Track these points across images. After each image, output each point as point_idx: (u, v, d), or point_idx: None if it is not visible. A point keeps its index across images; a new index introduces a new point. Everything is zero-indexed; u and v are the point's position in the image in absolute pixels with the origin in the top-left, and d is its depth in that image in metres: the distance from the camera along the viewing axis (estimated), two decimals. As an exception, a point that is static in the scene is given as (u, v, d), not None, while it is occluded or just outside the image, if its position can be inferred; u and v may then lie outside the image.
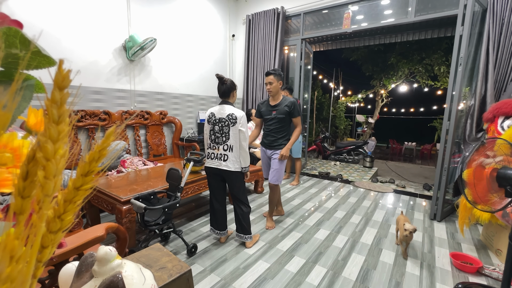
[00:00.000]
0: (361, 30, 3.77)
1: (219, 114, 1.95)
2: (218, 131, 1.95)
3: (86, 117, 2.81)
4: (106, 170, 2.62)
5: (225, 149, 1.94)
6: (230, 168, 1.94)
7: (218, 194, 2.10)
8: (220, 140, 1.95)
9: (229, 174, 1.97)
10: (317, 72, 10.44)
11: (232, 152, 1.93)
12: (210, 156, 2.02)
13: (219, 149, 1.96)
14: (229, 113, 1.91)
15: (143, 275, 0.56)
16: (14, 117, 0.30)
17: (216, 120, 1.96)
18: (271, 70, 2.26)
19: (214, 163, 1.99)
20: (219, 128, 1.95)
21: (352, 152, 6.32)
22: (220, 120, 1.94)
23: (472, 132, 2.70)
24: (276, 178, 2.37)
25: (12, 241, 0.22)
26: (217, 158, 1.97)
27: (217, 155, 1.97)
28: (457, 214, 2.24)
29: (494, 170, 1.12)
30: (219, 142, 1.95)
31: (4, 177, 0.33)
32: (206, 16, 4.29)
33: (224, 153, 1.94)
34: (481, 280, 1.78)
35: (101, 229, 1.11)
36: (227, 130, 1.92)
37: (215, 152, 1.99)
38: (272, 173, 2.37)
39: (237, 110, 1.94)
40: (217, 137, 1.96)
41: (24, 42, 0.29)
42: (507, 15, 2.44)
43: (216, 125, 1.96)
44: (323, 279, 1.74)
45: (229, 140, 1.92)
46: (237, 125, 1.90)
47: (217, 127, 1.96)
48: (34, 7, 2.40)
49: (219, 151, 1.96)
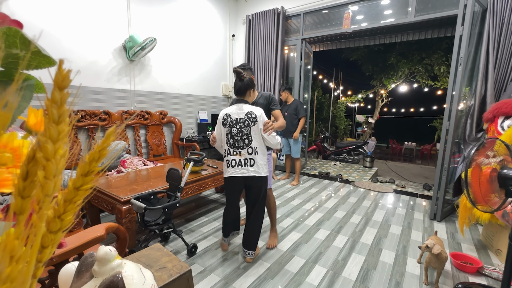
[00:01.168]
0: (361, 30, 3.77)
1: (236, 114, 1.73)
2: (236, 133, 1.72)
3: (86, 117, 2.81)
4: (106, 170, 2.62)
5: (249, 152, 1.71)
6: (260, 173, 1.73)
7: (235, 203, 1.92)
8: (241, 143, 1.72)
9: (258, 180, 1.75)
10: (317, 72, 10.44)
11: (258, 154, 1.72)
12: (230, 164, 1.74)
13: (241, 154, 1.72)
14: (247, 111, 1.72)
15: (143, 275, 0.56)
16: (14, 117, 0.30)
17: (233, 122, 1.73)
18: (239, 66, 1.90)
19: (238, 171, 1.73)
20: (237, 130, 1.72)
21: (352, 152, 6.32)
22: (238, 121, 1.72)
23: (472, 132, 2.70)
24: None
25: (12, 241, 0.22)
26: (241, 165, 1.72)
27: (240, 161, 1.72)
28: (457, 214, 2.23)
29: (494, 170, 1.12)
30: (239, 146, 1.72)
31: (4, 177, 0.33)
32: (206, 16, 4.29)
33: (250, 157, 1.71)
34: (481, 280, 1.78)
35: (101, 229, 1.11)
36: (248, 131, 1.71)
37: (236, 158, 1.73)
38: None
39: (255, 107, 1.76)
40: (236, 140, 1.72)
41: (24, 42, 0.29)
42: (507, 15, 2.44)
43: (233, 127, 1.72)
44: (323, 279, 1.74)
45: (253, 142, 1.71)
46: (258, 124, 1.71)
47: (234, 129, 1.72)
48: (34, 7, 2.40)
49: (241, 156, 1.72)
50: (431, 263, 1.68)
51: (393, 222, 2.65)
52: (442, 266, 1.64)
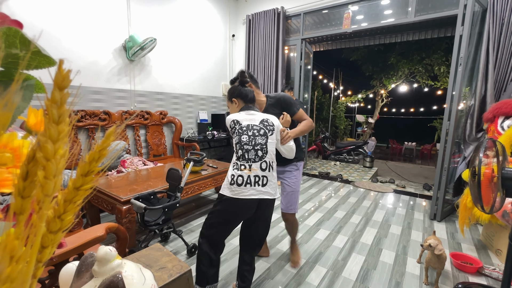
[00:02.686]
0: (361, 30, 3.76)
1: (247, 120, 1.37)
2: (247, 141, 1.31)
3: (86, 117, 2.81)
4: (106, 170, 2.62)
5: (263, 168, 1.30)
6: (273, 195, 1.33)
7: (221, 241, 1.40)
8: (252, 154, 1.30)
9: (269, 203, 1.36)
10: (317, 72, 10.44)
11: (272, 171, 1.34)
12: (236, 182, 1.28)
13: (251, 169, 1.28)
14: (262, 118, 1.38)
15: (143, 275, 0.56)
16: (14, 117, 0.30)
17: (243, 128, 1.34)
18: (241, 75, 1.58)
19: (245, 192, 1.27)
20: (248, 138, 1.31)
21: (352, 152, 6.32)
22: (249, 128, 1.34)
23: (472, 132, 2.70)
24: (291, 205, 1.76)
25: (12, 241, 0.22)
26: (251, 183, 1.27)
27: (250, 178, 1.27)
28: (457, 214, 2.23)
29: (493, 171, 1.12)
30: (250, 157, 1.29)
31: (4, 177, 0.33)
32: (206, 16, 4.28)
33: (263, 175, 1.30)
34: (481, 280, 1.78)
35: (101, 229, 1.11)
36: (264, 140, 1.32)
37: (244, 174, 1.28)
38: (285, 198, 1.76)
39: (271, 116, 1.44)
40: (247, 151, 1.30)
41: (24, 42, 0.29)
42: (507, 15, 2.44)
43: (243, 134, 1.33)
44: (323, 279, 1.74)
45: (267, 155, 1.32)
46: (275, 133, 1.38)
47: (245, 136, 1.32)
48: (34, 7, 2.40)
49: (251, 172, 1.28)
50: (431, 263, 1.66)
51: (393, 222, 2.65)
52: (442, 266, 1.63)
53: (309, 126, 1.65)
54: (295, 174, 1.76)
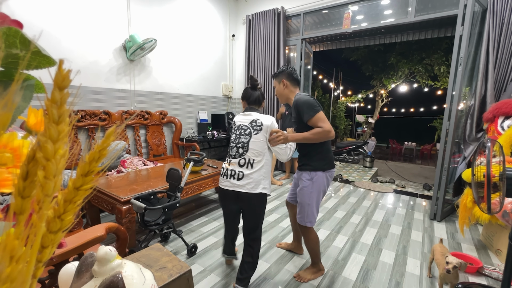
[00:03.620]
0: (361, 30, 3.76)
1: (240, 121, 1.56)
2: (233, 140, 1.53)
3: (86, 117, 2.81)
4: (106, 170, 2.62)
5: (241, 164, 1.46)
6: (249, 189, 1.44)
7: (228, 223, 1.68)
8: (234, 151, 1.50)
9: (248, 196, 1.45)
10: (317, 72, 10.45)
11: (253, 168, 1.45)
12: (222, 173, 1.53)
13: (230, 164, 1.49)
14: (253, 119, 1.51)
15: (143, 275, 0.56)
16: (14, 117, 0.30)
17: (235, 128, 1.56)
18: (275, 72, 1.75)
19: (223, 182, 1.50)
20: (235, 138, 1.53)
21: (352, 152, 6.31)
22: (239, 128, 1.53)
23: (472, 132, 2.70)
24: (301, 216, 1.65)
25: (12, 241, 0.22)
26: (227, 176, 1.48)
27: (227, 172, 1.49)
28: (457, 214, 2.24)
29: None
30: (232, 154, 1.51)
31: (4, 177, 0.33)
32: (206, 16, 4.28)
33: (239, 170, 1.45)
34: (481, 280, 1.78)
35: (101, 229, 1.11)
36: (246, 139, 1.47)
37: (225, 167, 1.52)
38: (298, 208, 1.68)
39: (266, 116, 1.52)
40: (231, 147, 1.53)
41: (24, 42, 0.29)
42: (507, 15, 2.44)
43: (233, 133, 1.56)
44: (323, 279, 1.74)
45: (248, 152, 1.46)
46: (262, 133, 1.47)
47: (233, 136, 1.55)
48: (34, 7, 2.40)
49: (230, 167, 1.49)
50: (446, 279, 1.47)
51: (393, 222, 2.65)
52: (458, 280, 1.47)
53: (318, 134, 1.49)
54: (306, 184, 1.60)
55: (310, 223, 1.63)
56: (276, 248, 2.11)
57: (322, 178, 1.60)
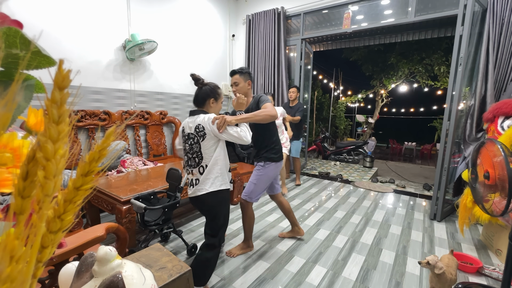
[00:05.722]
0: (361, 30, 3.77)
1: (188, 128, 1.51)
2: (188, 150, 1.51)
3: (86, 117, 2.81)
4: (106, 170, 2.62)
5: (200, 172, 1.48)
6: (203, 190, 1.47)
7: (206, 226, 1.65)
8: (193, 161, 1.50)
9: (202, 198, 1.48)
10: (317, 72, 10.44)
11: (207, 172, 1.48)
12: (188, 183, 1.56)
13: (193, 173, 1.51)
14: (197, 124, 1.46)
15: (143, 275, 0.56)
16: (14, 117, 0.30)
17: (186, 137, 1.53)
18: (238, 68, 1.87)
19: (189, 191, 1.54)
20: (189, 147, 1.50)
21: (352, 152, 6.32)
22: (189, 137, 1.50)
23: (472, 132, 2.70)
24: (246, 191, 1.93)
25: (12, 241, 0.22)
26: (193, 185, 1.51)
27: (192, 181, 1.52)
28: (457, 214, 2.23)
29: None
30: (191, 164, 1.51)
31: (4, 177, 0.33)
32: (206, 16, 4.28)
33: (197, 177, 1.49)
34: (481, 280, 1.78)
35: (101, 229, 1.11)
36: (198, 148, 1.47)
37: (189, 177, 1.54)
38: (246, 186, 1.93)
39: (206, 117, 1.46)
40: (189, 158, 1.52)
41: (24, 42, 0.29)
42: (507, 15, 2.44)
43: (186, 143, 1.53)
44: (323, 279, 1.74)
45: (204, 160, 1.47)
46: (207, 137, 1.45)
47: (187, 145, 1.52)
48: (34, 7, 2.40)
49: (193, 176, 1.51)
50: (432, 283, 1.45)
51: (393, 222, 2.65)
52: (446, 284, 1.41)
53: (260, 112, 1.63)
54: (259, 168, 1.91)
55: (250, 198, 1.91)
56: (276, 248, 2.11)
57: (273, 167, 1.92)
